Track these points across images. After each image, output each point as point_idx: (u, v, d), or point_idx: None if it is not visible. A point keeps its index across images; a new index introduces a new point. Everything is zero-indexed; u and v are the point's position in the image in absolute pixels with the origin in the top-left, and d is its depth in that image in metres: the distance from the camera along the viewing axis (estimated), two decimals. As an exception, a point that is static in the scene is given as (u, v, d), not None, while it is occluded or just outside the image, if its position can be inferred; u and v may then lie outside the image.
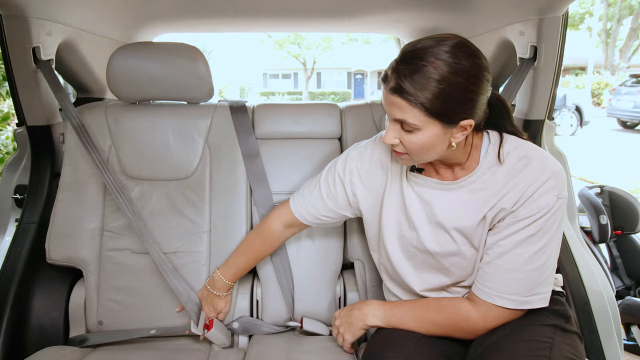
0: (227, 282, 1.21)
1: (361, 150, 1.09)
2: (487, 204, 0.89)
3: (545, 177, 0.85)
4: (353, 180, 1.07)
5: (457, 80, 0.78)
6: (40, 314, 1.24)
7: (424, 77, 0.78)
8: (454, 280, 0.98)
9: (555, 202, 0.85)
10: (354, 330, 1.04)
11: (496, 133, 0.93)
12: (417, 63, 0.78)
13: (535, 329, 0.88)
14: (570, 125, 9.25)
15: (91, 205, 1.28)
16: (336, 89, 21.30)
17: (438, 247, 0.96)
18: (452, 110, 0.80)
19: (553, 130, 1.39)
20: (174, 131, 1.32)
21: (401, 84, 0.79)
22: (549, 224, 0.86)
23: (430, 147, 0.85)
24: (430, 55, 0.78)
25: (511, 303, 0.88)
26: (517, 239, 0.87)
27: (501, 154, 0.89)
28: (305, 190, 1.14)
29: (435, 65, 0.77)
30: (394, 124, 0.86)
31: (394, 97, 0.81)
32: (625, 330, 1.64)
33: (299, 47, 18.17)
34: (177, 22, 1.74)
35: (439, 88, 0.77)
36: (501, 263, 0.88)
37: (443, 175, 0.96)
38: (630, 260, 2.08)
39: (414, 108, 0.79)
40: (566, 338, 0.88)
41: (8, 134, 2.41)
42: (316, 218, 1.13)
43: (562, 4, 1.14)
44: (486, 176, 0.90)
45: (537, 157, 0.88)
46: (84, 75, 1.54)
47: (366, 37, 23.52)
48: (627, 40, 16.89)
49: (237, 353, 1.17)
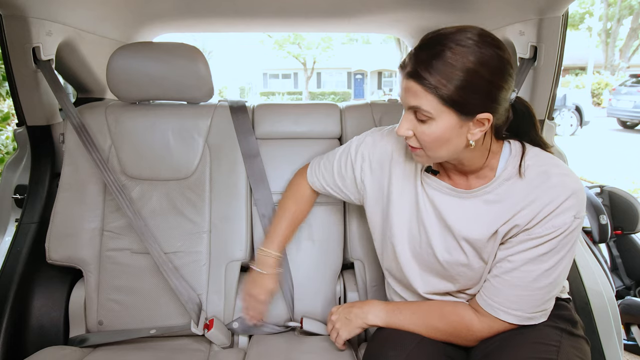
0: (275, 254, 1.19)
1: (377, 138, 1.06)
2: (501, 219, 0.86)
3: (565, 196, 0.81)
4: (364, 167, 1.07)
5: (478, 68, 0.74)
6: (40, 314, 1.24)
7: (442, 62, 0.74)
8: (459, 288, 0.96)
9: (572, 222, 0.81)
10: (351, 328, 1.03)
11: (518, 143, 0.89)
12: (436, 47, 0.75)
13: (542, 331, 0.87)
14: (570, 125, 9.25)
15: (91, 205, 1.28)
16: (336, 89, 21.30)
17: (447, 255, 0.93)
18: (469, 100, 0.75)
19: (553, 130, 1.39)
20: (174, 131, 1.32)
21: (417, 68, 0.76)
22: (563, 243, 0.82)
23: (444, 140, 0.80)
24: (451, 41, 0.75)
25: (514, 319, 0.86)
26: (529, 256, 0.84)
27: (522, 166, 0.85)
28: (323, 160, 1.17)
29: (455, 51, 0.74)
30: (408, 114, 0.82)
31: (409, 82, 0.78)
32: (625, 330, 1.64)
33: (299, 47, 18.18)
34: (177, 22, 1.74)
35: (457, 75, 0.74)
36: (509, 279, 0.86)
37: (457, 183, 0.93)
38: (630, 260, 2.08)
39: (428, 94, 0.76)
40: (573, 342, 0.87)
41: (8, 134, 2.41)
42: (323, 187, 1.17)
43: (562, 4, 1.14)
44: (502, 188, 0.86)
45: (557, 173, 0.83)
46: (84, 75, 1.54)
47: (366, 37, 23.52)
48: (627, 40, 16.89)
49: (237, 353, 1.17)
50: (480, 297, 0.90)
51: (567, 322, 0.91)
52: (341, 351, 1.12)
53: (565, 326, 0.90)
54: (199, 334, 1.20)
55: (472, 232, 0.89)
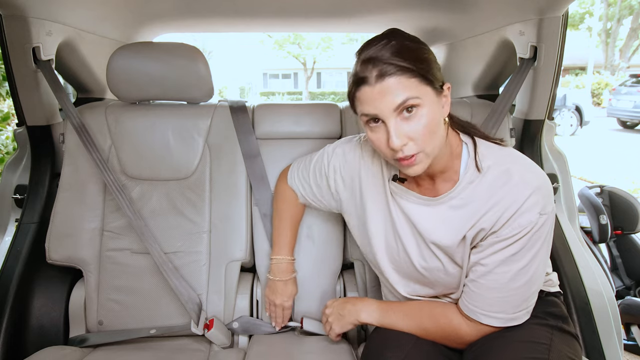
0: (288, 258, 1.20)
1: (346, 149, 1.07)
2: (467, 223, 0.86)
3: (527, 195, 0.80)
4: (336, 178, 1.08)
5: (422, 46, 0.80)
6: (40, 314, 1.24)
7: (394, 47, 0.77)
8: (439, 293, 0.97)
9: (537, 219, 0.81)
10: (343, 324, 1.05)
11: (470, 140, 0.90)
12: (382, 43, 0.78)
13: (533, 330, 0.87)
14: (570, 125, 9.25)
15: (91, 205, 1.28)
16: (336, 89, 21.27)
17: (423, 262, 0.94)
18: (434, 72, 0.79)
19: (553, 130, 1.39)
20: (174, 131, 1.32)
21: (384, 64, 0.76)
22: (533, 240, 0.82)
23: (435, 124, 0.79)
24: (384, 37, 0.79)
25: (497, 321, 0.86)
26: (500, 258, 0.84)
27: (478, 161, 0.86)
28: (300, 168, 1.17)
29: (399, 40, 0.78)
30: (395, 121, 0.78)
31: (388, 80, 0.76)
32: (625, 330, 1.64)
33: (299, 47, 18.16)
34: (177, 22, 1.74)
35: (416, 54, 0.77)
36: (485, 282, 0.86)
37: (425, 188, 0.93)
38: (630, 260, 2.08)
39: (411, 78, 0.76)
40: (564, 339, 0.88)
41: (8, 134, 2.41)
42: (303, 197, 1.17)
43: (562, 4, 1.14)
44: (466, 192, 0.87)
45: (517, 171, 0.83)
46: (84, 75, 1.54)
47: (366, 37, 23.46)
48: (627, 40, 16.89)
49: (237, 353, 1.17)
50: (462, 303, 0.90)
51: (557, 319, 0.92)
52: (340, 348, 1.12)
53: (556, 323, 0.90)
54: (199, 334, 1.20)
55: (441, 238, 0.89)
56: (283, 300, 1.21)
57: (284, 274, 1.20)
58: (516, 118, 1.43)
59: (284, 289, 1.21)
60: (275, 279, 1.20)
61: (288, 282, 1.21)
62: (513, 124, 1.41)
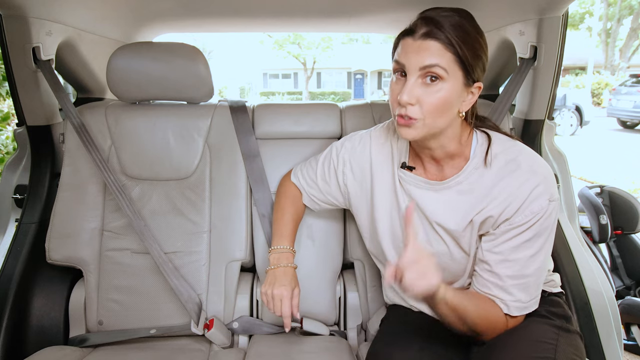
0: (289, 247, 1.13)
1: (355, 142, 1.09)
2: (475, 208, 0.89)
3: (535, 183, 0.84)
4: (345, 171, 1.09)
5: (482, 40, 0.84)
6: (40, 314, 1.24)
7: (457, 25, 0.80)
8: (444, 281, 0.94)
9: (548, 205, 0.84)
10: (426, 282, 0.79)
11: (484, 134, 0.93)
12: (447, 12, 0.82)
13: (539, 330, 0.88)
14: (570, 125, 9.25)
15: (91, 205, 1.28)
16: (336, 89, 21.29)
17: (429, 246, 0.96)
18: (475, 65, 0.82)
19: (553, 130, 1.39)
20: (174, 131, 1.32)
21: (435, 27, 0.80)
22: (544, 226, 0.85)
23: (448, 105, 0.83)
24: (456, 12, 0.82)
25: (516, 310, 0.87)
26: (514, 244, 0.86)
27: (488, 156, 0.89)
28: (305, 168, 1.18)
29: (466, 20, 0.82)
30: (415, 79, 0.82)
31: (426, 41, 0.80)
32: (625, 330, 1.64)
33: (299, 47, 18.17)
34: (177, 22, 1.74)
35: (470, 38, 0.81)
36: (500, 271, 0.87)
37: (431, 173, 0.96)
38: (630, 260, 2.09)
39: (447, 51, 0.80)
40: (569, 339, 0.88)
41: (8, 134, 2.41)
42: (307, 196, 1.17)
43: (562, 4, 1.14)
44: (473, 177, 0.90)
45: (525, 161, 0.87)
46: (84, 75, 1.54)
47: (366, 37, 23.53)
48: (627, 40, 16.90)
49: (237, 353, 1.17)
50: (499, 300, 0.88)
51: (561, 319, 0.92)
52: (340, 348, 1.12)
53: (561, 323, 0.91)
54: (199, 334, 1.20)
55: (448, 221, 0.92)
56: (282, 289, 1.06)
57: (284, 262, 1.10)
58: (516, 118, 1.43)
59: (283, 277, 1.08)
60: (274, 268, 1.09)
61: (288, 270, 1.09)
62: (513, 123, 1.41)
